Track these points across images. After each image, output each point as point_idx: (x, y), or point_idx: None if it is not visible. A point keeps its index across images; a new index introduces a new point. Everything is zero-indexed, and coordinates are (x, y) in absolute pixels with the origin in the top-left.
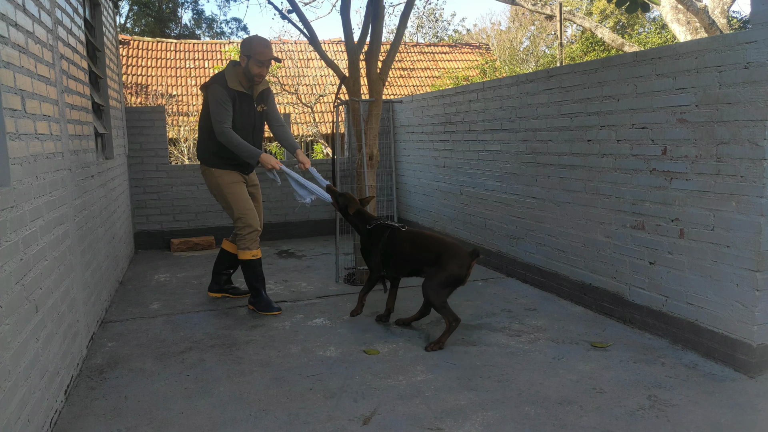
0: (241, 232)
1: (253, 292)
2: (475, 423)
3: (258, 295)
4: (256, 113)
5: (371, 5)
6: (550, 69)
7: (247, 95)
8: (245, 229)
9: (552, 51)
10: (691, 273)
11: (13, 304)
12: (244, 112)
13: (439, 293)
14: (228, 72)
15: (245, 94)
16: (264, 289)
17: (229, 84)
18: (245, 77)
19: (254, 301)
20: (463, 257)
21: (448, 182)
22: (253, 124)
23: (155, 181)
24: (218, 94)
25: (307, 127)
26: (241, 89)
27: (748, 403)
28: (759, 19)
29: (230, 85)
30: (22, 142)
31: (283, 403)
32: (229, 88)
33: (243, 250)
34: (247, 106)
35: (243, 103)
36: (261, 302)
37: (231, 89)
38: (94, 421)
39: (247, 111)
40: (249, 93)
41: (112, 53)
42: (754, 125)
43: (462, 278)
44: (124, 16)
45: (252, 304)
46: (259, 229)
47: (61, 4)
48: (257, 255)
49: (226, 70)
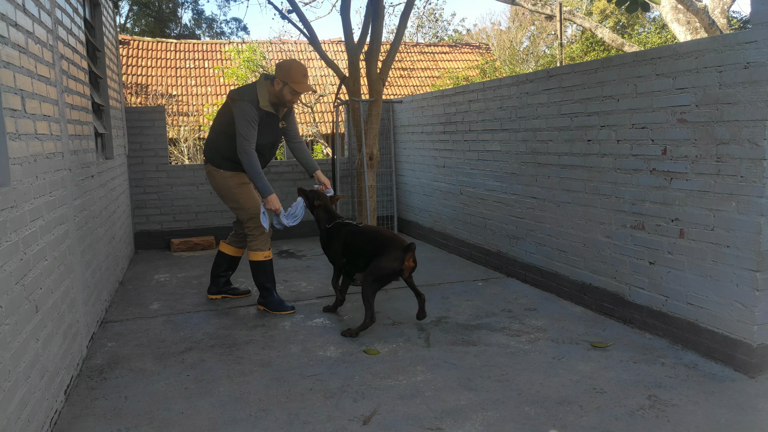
0: (253, 233)
1: (265, 293)
2: (475, 423)
3: (270, 295)
4: (279, 130)
5: (371, 5)
6: (550, 69)
7: (275, 116)
8: (258, 229)
9: (552, 51)
10: (691, 273)
11: (13, 304)
12: (268, 131)
13: (371, 285)
14: (260, 89)
15: (274, 114)
16: (275, 289)
17: (261, 104)
18: (277, 99)
19: (265, 301)
20: (398, 251)
21: (448, 182)
22: (275, 141)
23: (155, 181)
24: (249, 113)
25: (307, 127)
26: (271, 110)
27: (748, 403)
28: (759, 19)
29: (262, 105)
30: (22, 142)
31: (283, 403)
32: (260, 108)
33: (255, 251)
34: (272, 125)
35: (270, 122)
36: (273, 302)
37: (261, 109)
38: (94, 421)
39: (272, 130)
40: (276, 113)
41: (112, 53)
42: (754, 125)
43: (396, 271)
44: (124, 16)
45: (262, 304)
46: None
47: (61, 4)
48: (269, 256)
49: (259, 87)
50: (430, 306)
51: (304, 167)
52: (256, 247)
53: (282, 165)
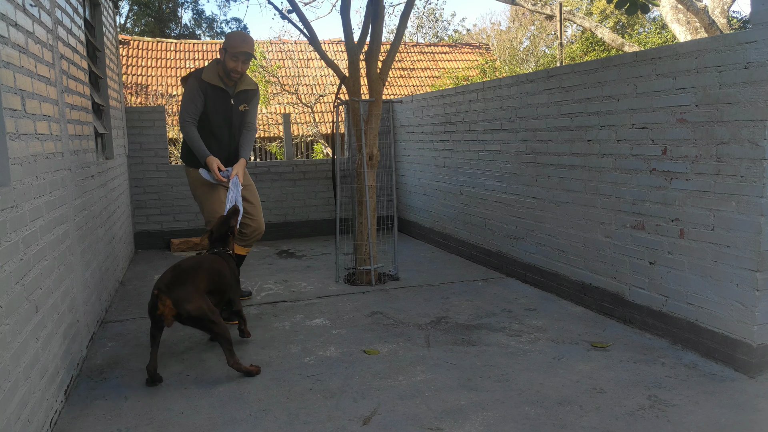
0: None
1: None
2: (475, 423)
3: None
4: (236, 111)
5: (371, 5)
6: (550, 69)
7: (223, 90)
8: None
9: (552, 51)
10: (691, 273)
11: (13, 304)
12: (218, 108)
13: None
14: (208, 66)
15: (221, 89)
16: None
17: (203, 76)
18: (223, 72)
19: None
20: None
21: (448, 182)
22: (230, 121)
23: (155, 181)
24: (190, 87)
25: (307, 127)
26: (218, 83)
27: (748, 403)
28: (759, 19)
29: (204, 77)
30: (22, 142)
31: (283, 403)
32: (202, 80)
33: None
34: (222, 101)
35: (218, 98)
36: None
37: (204, 81)
38: (94, 421)
39: (222, 107)
40: (226, 89)
41: (112, 53)
42: (754, 125)
43: (151, 315)
44: (124, 16)
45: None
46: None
47: (61, 4)
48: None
49: (207, 65)
50: (431, 306)
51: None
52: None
53: (282, 165)
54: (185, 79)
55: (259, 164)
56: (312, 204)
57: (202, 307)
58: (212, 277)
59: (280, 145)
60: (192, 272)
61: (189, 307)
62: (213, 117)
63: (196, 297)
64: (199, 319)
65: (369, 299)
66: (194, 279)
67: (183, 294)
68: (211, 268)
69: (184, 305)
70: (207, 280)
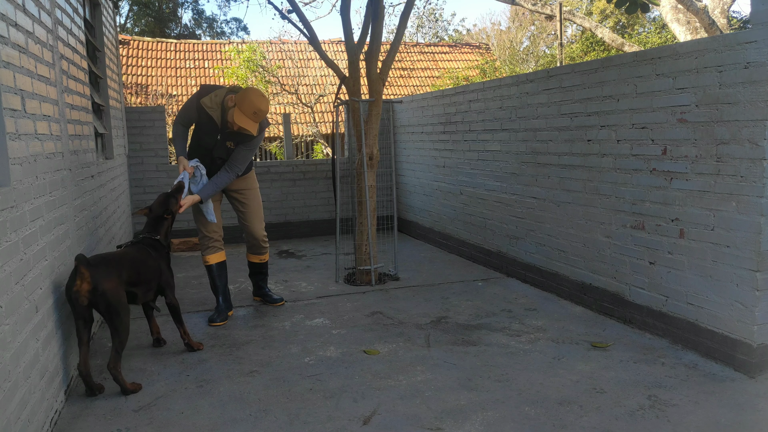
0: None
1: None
2: (475, 423)
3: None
4: (220, 144)
5: (371, 5)
6: (550, 69)
7: (213, 120)
8: (197, 233)
9: (552, 51)
10: (691, 273)
11: (13, 304)
12: (205, 133)
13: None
14: (217, 92)
15: (212, 119)
16: (218, 298)
17: (204, 99)
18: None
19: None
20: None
21: (448, 182)
22: (211, 152)
23: (155, 181)
24: (190, 100)
25: (307, 127)
26: (212, 113)
27: (748, 403)
28: (759, 19)
29: (203, 101)
30: (22, 142)
31: (283, 404)
32: (200, 103)
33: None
34: (210, 129)
35: (206, 124)
36: (215, 309)
37: (200, 105)
38: (94, 421)
39: (208, 134)
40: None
41: (112, 53)
42: (754, 125)
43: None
44: (124, 16)
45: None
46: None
47: (61, 4)
48: (208, 261)
49: (219, 90)
50: (431, 306)
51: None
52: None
53: (282, 165)
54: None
55: (259, 164)
56: (312, 204)
57: (119, 293)
58: (135, 267)
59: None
60: (115, 261)
61: (107, 285)
62: (202, 136)
63: (116, 281)
64: (113, 305)
65: (369, 299)
66: (118, 267)
67: (104, 272)
68: (134, 258)
69: (103, 282)
70: (129, 271)
